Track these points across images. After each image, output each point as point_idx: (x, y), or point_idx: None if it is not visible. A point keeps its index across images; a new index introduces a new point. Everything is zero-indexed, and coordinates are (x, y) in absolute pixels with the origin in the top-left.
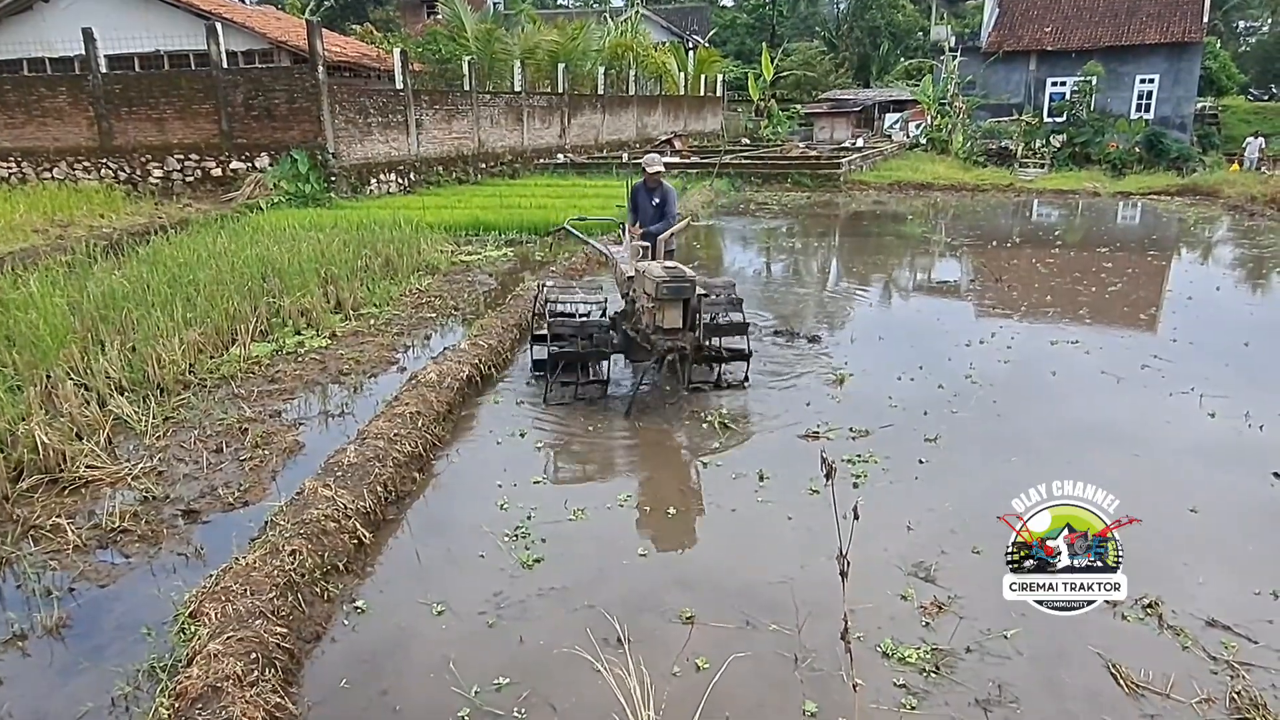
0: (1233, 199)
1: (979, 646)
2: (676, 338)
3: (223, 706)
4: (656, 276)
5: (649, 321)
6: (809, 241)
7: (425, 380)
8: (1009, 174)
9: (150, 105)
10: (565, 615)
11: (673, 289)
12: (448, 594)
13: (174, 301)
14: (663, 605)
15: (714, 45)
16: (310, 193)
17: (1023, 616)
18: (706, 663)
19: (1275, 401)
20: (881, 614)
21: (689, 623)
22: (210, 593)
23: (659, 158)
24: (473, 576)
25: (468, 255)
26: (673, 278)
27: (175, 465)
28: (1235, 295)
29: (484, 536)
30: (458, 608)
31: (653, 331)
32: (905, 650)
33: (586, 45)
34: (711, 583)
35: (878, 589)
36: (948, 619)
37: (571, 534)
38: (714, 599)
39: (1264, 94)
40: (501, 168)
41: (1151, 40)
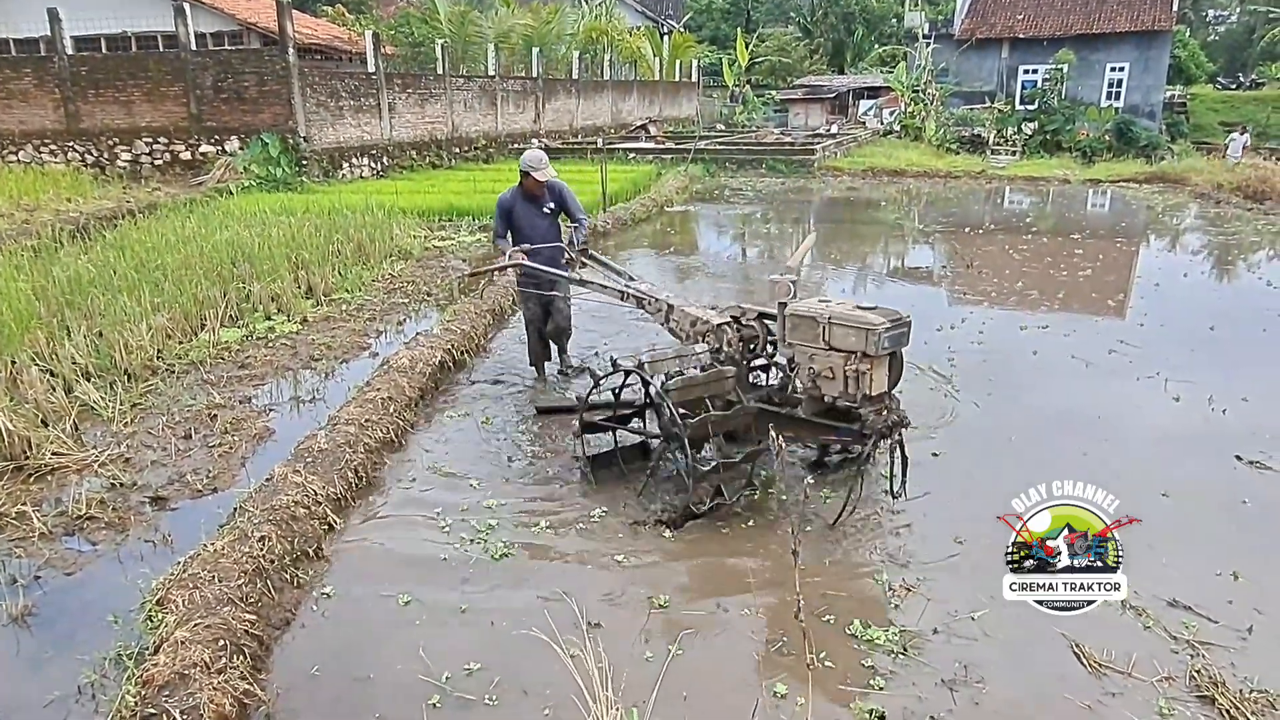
0: (1200, 186)
1: (946, 628)
2: (887, 406)
3: (190, 693)
4: (861, 321)
5: (836, 389)
6: (784, 228)
7: (397, 365)
8: (981, 161)
9: (118, 87)
10: (532, 602)
11: (894, 337)
12: (418, 581)
13: (142, 286)
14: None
15: (689, 30)
16: (281, 177)
17: (991, 599)
18: (677, 648)
19: (1238, 386)
20: (852, 597)
21: (662, 608)
22: (178, 580)
23: (544, 155)
24: (442, 564)
25: (441, 240)
26: (891, 321)
27: (143, 452)
28: (1201, 281)
29: (455, 526)
30: (426, 596)
31: (857, 402)
32: (874, 632)
33: (561, 29)
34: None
35: (850, 572)
36: (915, 600)
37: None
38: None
39: (1232, 83)
40: (475, 152)
41: (1122, 28)
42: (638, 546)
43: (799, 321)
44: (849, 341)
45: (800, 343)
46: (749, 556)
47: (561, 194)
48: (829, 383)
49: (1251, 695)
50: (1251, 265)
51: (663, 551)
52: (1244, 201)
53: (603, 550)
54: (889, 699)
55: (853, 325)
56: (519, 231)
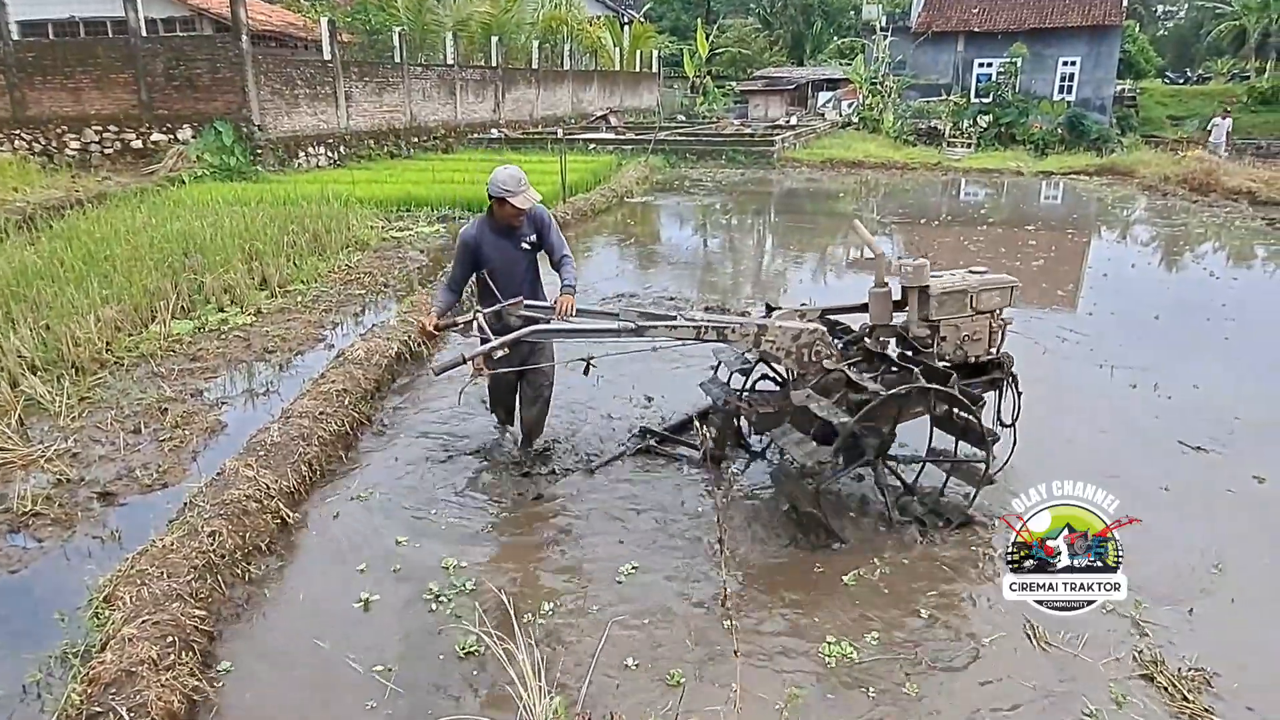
0: (1147, 179)
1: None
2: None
3: (137, 690)
4: (1001, 282)
5: (981, 349)
6: (744, 219)
7: (353, 357)
8: (937, 153)
9: (65, 74)
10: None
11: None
12: (373, 577)
13: (90, 278)
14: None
15: (649, 20)
16: (235, 166)
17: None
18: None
19: (1184, 372)
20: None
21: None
22: (125, 576)
23: (523, 175)
24: (397, 561)
25: (399, 231)
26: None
27: (91, 446)
28: (1149, 272)
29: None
30: (383, 592)
31: (996, 354)
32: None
33: (520, 18)
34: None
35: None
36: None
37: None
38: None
39: (1180, 77)
40: (435, 142)
41: (1074, 23)
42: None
43: (947, 297)
44: (994, 302)
45: (948, 315)
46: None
47: (543, 223)
48: (976, 344)
49: (1189, 674)
50: (1197, 256)
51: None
52: (1189, 194)
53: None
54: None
55: (998, 287)
56: (492, 275)
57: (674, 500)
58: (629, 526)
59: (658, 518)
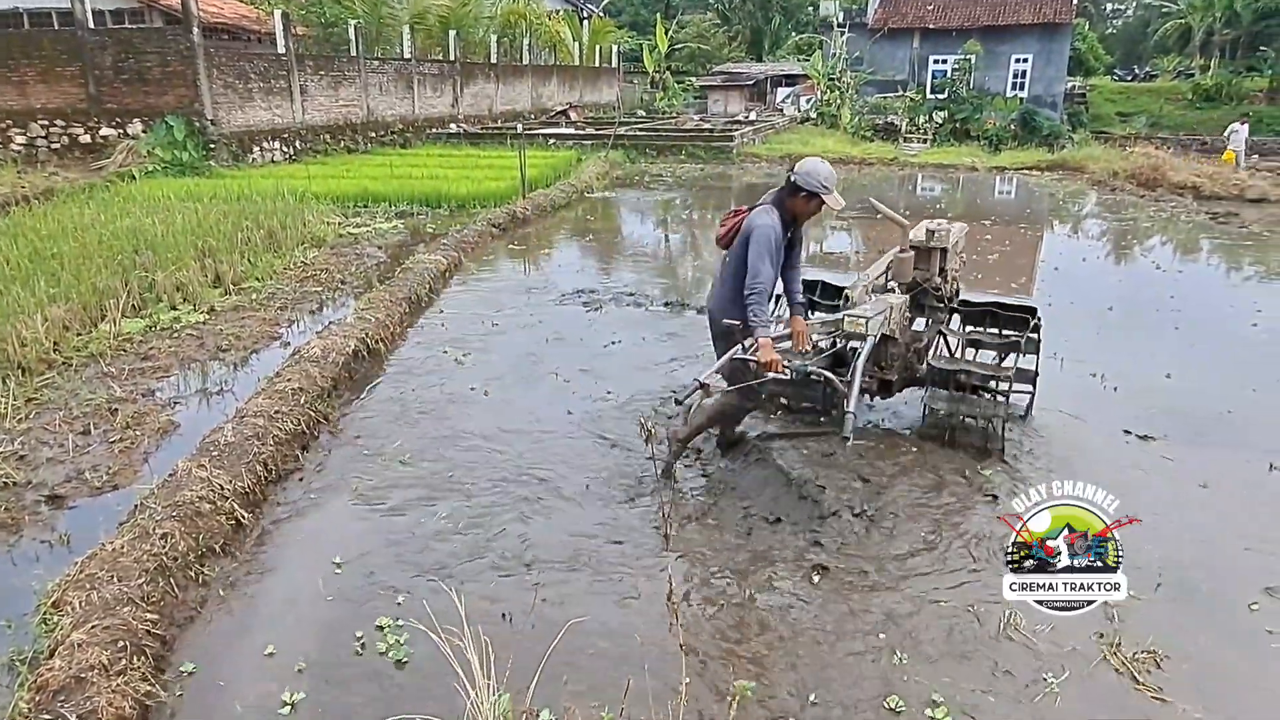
0: (1097, 174)
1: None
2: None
3: (87, 697)
4: (960, 231)
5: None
6: (704, 214)
7: (309, 355)
8: (894, 149)
9: (10, 67)
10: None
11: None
12: (329, 580)
13: (37, 276)
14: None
15: (609, 16)
16: (188, 161)
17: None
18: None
19: (1133, 362)
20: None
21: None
22: (74, 580)
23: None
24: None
25: (356, 227)
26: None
27: (38, 449)
28: (1101, 265)
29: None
30: (345, 592)
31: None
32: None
33: (478, 11)
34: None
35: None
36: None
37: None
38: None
39: (1128, 74)
40: (392, 137)
41: (1026, 21)
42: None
43: (961, 246)
44: (962, 245)
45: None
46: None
47: (752, 229)
48: (957, 282)
49: (1139, 656)
50: (1145, 250)
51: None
52: (1137, 189)
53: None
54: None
55: (963, 234)
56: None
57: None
58: (580, 521)
59: (608, 515)
